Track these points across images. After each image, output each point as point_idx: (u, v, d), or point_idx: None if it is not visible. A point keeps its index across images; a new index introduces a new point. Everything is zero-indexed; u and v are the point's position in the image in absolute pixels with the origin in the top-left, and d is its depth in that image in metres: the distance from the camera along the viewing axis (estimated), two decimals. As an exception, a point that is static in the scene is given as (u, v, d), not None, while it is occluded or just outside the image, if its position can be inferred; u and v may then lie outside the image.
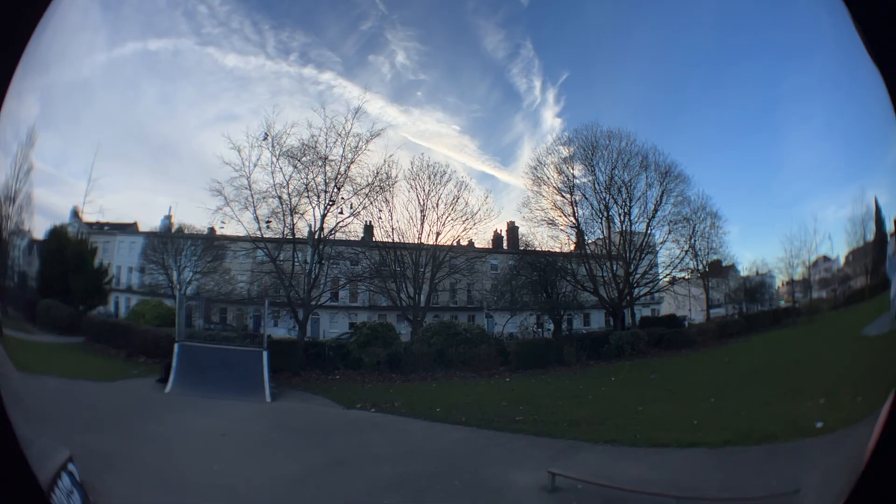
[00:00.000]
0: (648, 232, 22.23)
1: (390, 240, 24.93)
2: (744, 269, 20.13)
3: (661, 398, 14.74)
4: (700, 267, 21.56)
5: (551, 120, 24.40)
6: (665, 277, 22.41)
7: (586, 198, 23.26)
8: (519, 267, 24.51)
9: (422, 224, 24.53)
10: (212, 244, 27.55)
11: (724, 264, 20.85)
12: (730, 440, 10.62)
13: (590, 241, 23.48)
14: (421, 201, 24.58)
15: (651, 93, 20.90)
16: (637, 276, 22.46)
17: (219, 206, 24.59)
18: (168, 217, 28.18)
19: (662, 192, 21.77)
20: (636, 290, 22.50)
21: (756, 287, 18.73)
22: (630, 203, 22.35)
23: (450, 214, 24.50)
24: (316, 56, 23.82)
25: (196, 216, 28.35)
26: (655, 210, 21.89)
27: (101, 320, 26.56)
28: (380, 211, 24.76)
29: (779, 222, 16.61)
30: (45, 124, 22.49)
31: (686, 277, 21.86)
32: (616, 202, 22.59)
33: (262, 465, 13.31)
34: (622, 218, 22.81)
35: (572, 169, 23.42)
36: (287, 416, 18.79)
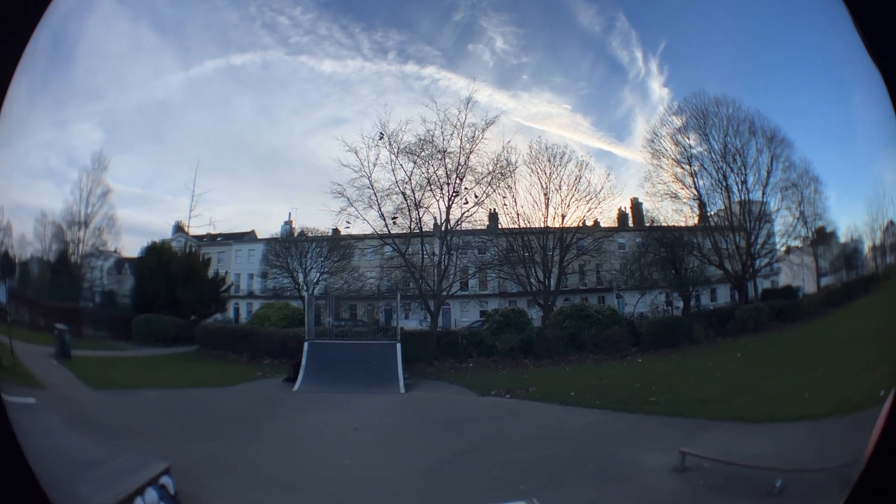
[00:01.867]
0: (764, 200, 25.08)
1: (516, 226, 29.06)
2: (842, 236, 21.98)
3: (778, 372, 17.62)
4: (809, 234, 23.97)
5: (659, 90, 28.06)
6: (781, 247, 25.11)
7: (704, 168, 26.23)
8: (646, 244, 28.30)
9: (546, 207, 28.31)
10: (338, 244, 33.33)
11: (826, 231, 23.10)
12: (831, 411, 12.85)
13: (712, 213, 26.72)
14: (543, 184, 28.28)
15: (743, 54, 23.26)
16: (757, 246, 25.58)
17: (342, 208, 29.30)
18: (288, 222, 34.71)
19: (771, 158, 24.30)
20: (757, 262, 25.59)
21: (851, 253, 20.60)
22: (745, 171, 25.06)
23: (573, 195, 28.24)
24: (415, 52, 28.83)
25: (317, 219, 34.54)
26: (768, 176, 24.48)
27: (219, 327, 32.66)
28: (503, 198, 28.73)
29: (860, 185, 18.67)
30: (117, 148, 29.68)
31: (799, 246, 24.40)
32: (732, 170, 25.38)
33: (397, 457, 15.60)
34: (739, 187, 25.52)
35: (688, 139, 26.48)
36: (421, 406, 21.79)
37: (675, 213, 27.45)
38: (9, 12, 4.33)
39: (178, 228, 36.18)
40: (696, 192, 26.47)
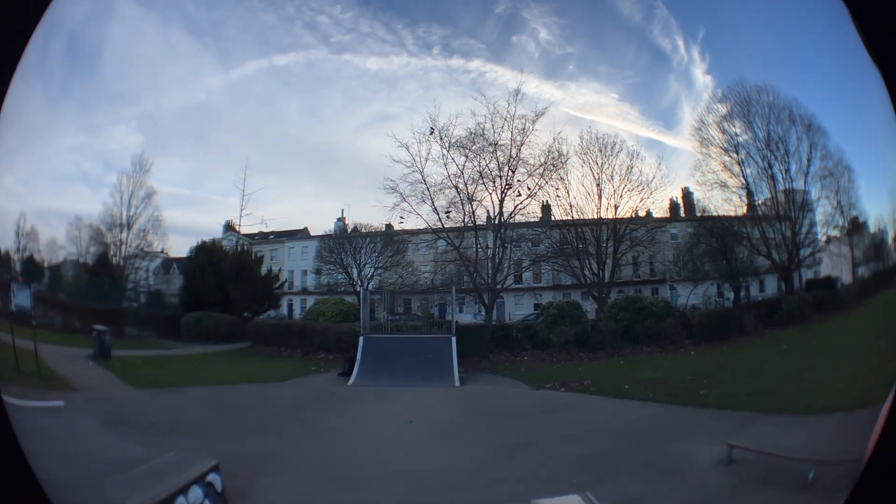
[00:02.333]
0: (805, 189, 26.50)
1: (569, 217, 31.00)
2: (871, 226, 22.80)
3: (817, 364, 18.72)
4: (845, 224, 24.95)
5: (702, 78, 30.08)
6: (822, 236, 26.38)
7: (751, 156, 27.82)
8: (698, 234, 29.97)
9: (599, 198, 30.17)
10: (391, 239, 35.66)
11: (859, 220, 23.89)
12: (858, 403, 12.74)
13: (759, 202, 28.30)
14: (595, 175, 30.18)
15: (775, 41, 24.38)
16: (801, 236, 27.02)
17: (396, 203, 31.27)
18: (341, 219, 37.82)
19: (810, 146, 25.64)
20: (801, 252, 27.09)
21: (879, 244, 21.40)
22: (788, 159, 26.56)
23: (625, 185, 30.05)
24: (459, 46, 30.62)
25: (370, 215, 37.43)
26: (808, 165, 25.82)
27: (272, 324, 34.96)
28: (556, 189, 30.72)
29: (884, 174, 19.46)
30: (160, 150, 30.79)
31: (836, 236, 25.46)
32: (776, 158, 26.95)
33: (451, 450, 16.60)
34: (784, 175, 27.08)
35: (733, 127, 28.08)
36: (476, 399, 23.04)
37: (725, 202, 28.71)
38: (6, 13, 4.56)
39: (229, 227, 39.52)
40: (743, 181, 27.72)
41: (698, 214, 29.88)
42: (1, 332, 23.27)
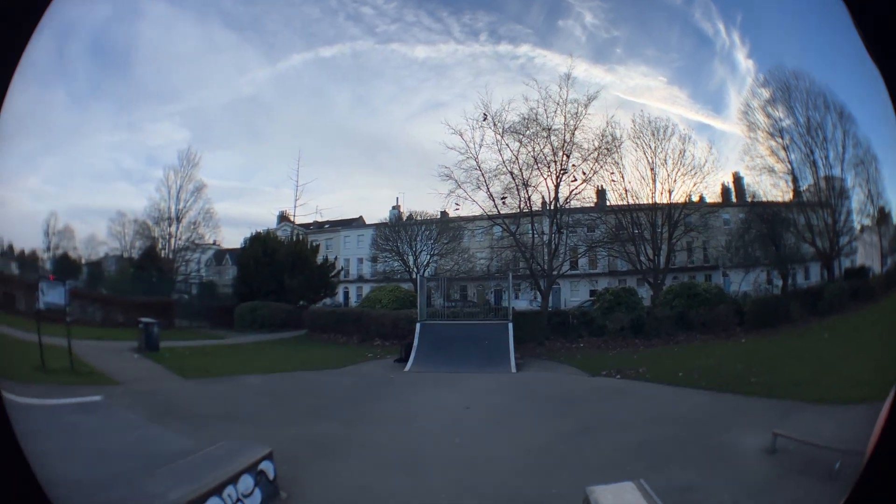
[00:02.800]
0: (841, 177, 28.15)
1: (624, 202, 33.48)
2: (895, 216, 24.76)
3: (852, 354, 19.72)
4: (874, 213, 26.73)
5: (744, 62, 32.28)
6: (857, 225, 28.03)
7: (794, 141, 29.63)
8: (749, 220, 32.18)
9: (653, 182, 32.66)
10: (447, 226, 38.77)
11: (885, 210, 25.78)
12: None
13: (804, 189, 30.33)
14: (649, 159, 32.61)
15: (806, 28, 25.64)
16: (840, 224, 28.65)
17: (451, 190, 34.12)
18: (396, 207, 40.88)
19: (844, 134, 27.16)
20: (841, 240, 28.76)
21: None
22: (826, 146, 28.16)
23: (679, 169, 32.34)
24: (506, 32, 33.29)
25: (425, 202, 43.56)
26: (843, 152, 27.24)
27: (328, 311, 38.28)
28: (611, 174, 33.17)
29: None
30: (208, 145, 33.56)
31: (868, 225, 27.20)
32: (816, 144, 28.59)
33: (508, 435, 17.74)
34: (823, 162, 28.76)
35: (777, 111, 30.05)
36: (532, 385, 24.65)
37: (773, 187, 31.02)
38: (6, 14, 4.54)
39: (283, 218, 44.32)
40: (789, 166, 29.70)
41: (749, 200, 32.07)
42: (16, 329, 25.40)
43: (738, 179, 32.64)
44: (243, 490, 12.31)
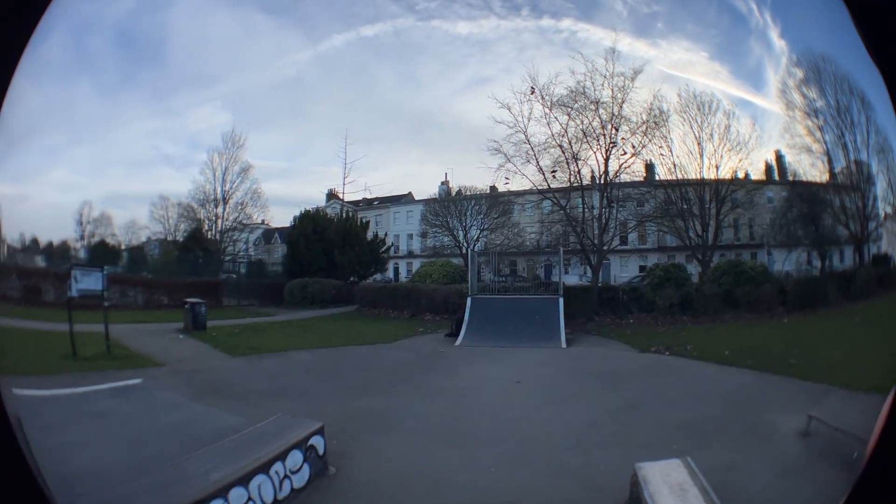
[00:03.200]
0: (867, 162, 30.41)
1: (673, 177, 36.17)
2: None
3: (874, 341, 19.97)
4: (893, 200, 29.17)
5: (778, 41, 34.01)
6: (882, 212, 30.22)
7: (827, 123, 31.51)
8: (791, 198, 35.01)
9: (700, 157, 35.27)
10: (496, 201, 41.92)
11: None
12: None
13: (838, 171, 32.66)
14: (696, 133, 35.14)
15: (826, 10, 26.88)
16: (868, 209, 30.84)
17: (500, 164, 37.11)
18: (445, 182, 44.92)
19: (866, 119, 29.14)
20: (869, 225, 31.04)
21: None
22: (853, 129, 29.98)
23: (724, 145, 34.87)
24: (547, 6, 37.77)
25: (474, 177, 46.84)
26: (867, 137, 29.28)
27: (378, 287, 42.09)
28: (659, 148, 35.88)
29: None
30: (252, 127, 41.34)
31: (890, 213, 29.47)
32: (846, 127, 30.47)
33: (558, 411, 18.92)
34: (852, 145, 30.69)
35: (811, 92, 32.03)
36: (582, 361, 26.76)
37: (811, 167, 33.46)
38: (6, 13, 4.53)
39: (332, 196, 49.03)
40: (824, 147, 31.69)
41: (790, 178, 34.66)
42: (39, 321, 27.18)
43: (779, 158, 34.99)
44: (291, 466, 12.88)
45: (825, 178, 32.90)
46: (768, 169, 35.70)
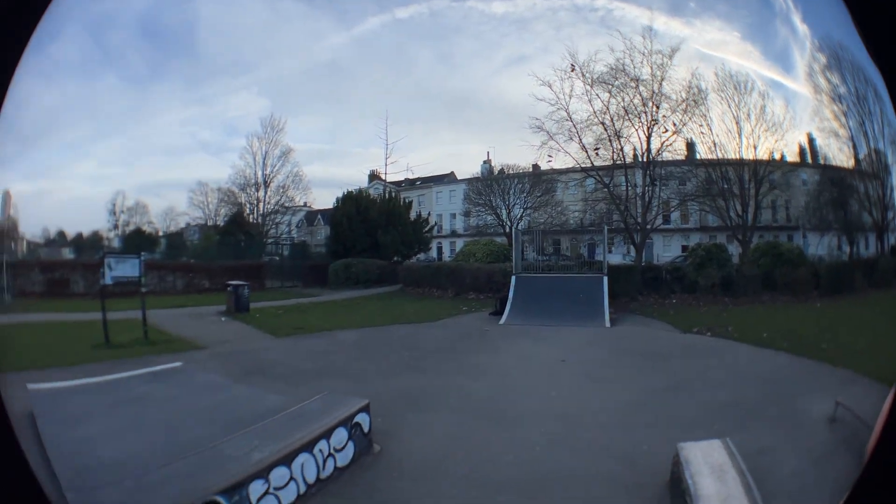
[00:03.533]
0: (884, 151, 32.72)
1: (713, 156, 38.52)
2: None
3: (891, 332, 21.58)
4: None
5: (801, 26, 36.26)
6: None
7: (850, 109, 33.46)
8: (822, 182, 37.74)
9: (739, 136, 37.63)
10: (539, 179, 45.37)
11: None
12: None
13: (861, 157, 34.73)
14: (734, 113, 37.54)
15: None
16: (887, 198, 33.34)
17: (543, 142, 40.22)
18: (487, 161, 48.83)
19: (881, 110, 31.14)
20: (889, 213, 33.64)
21: None
22: (872, 118, 32.24)
23: (761, 125, 37.32)
24: None
25: (516, 155, 51.89)
26: (884, 127, 31.27)
27: (422, 266, 45.19)
28: (699, 126, 38.31)
29: None
30: (291, 111, 48.63)
31: None
32: (865, 116, 32.68)
33: (602, 390, 19.75)
34: (872, 133, 32.80)
35: (834, 77, 34.06)
36: (626, 340, 28.24)
37: (839, 151, 35.51)
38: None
39: (374, 177, 55.85)
40: (849, 133, 33.67)
41: (821, 162, 37.10)
42: (62, 312, 30.11)
43: (811, 141, 37.38)
44: (336, 444, 13.29)
45: (851, 163, 35.06)
46: (801, 151, 37.88)
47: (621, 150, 39.13)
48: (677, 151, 39.20)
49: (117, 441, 13.23)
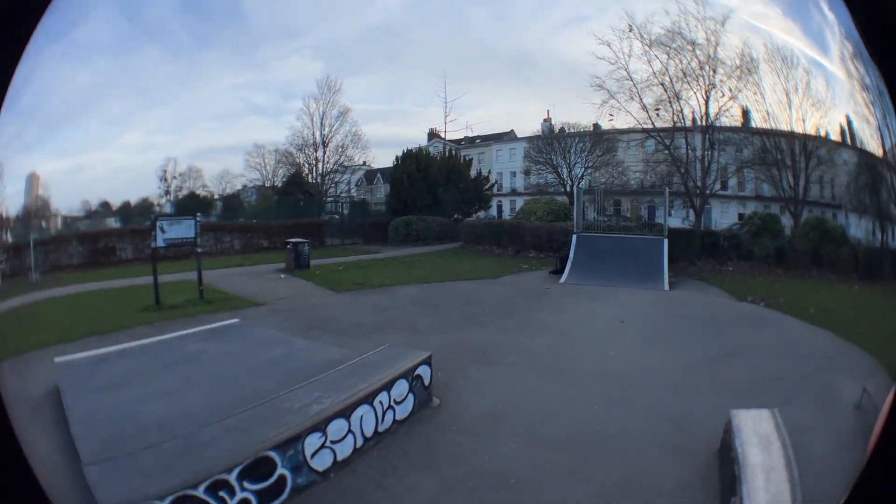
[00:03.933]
0: None
1: (767, 125, 41.12)
2: None
3: None
4: None
5: (828, 11, 36.92)
6: None
7: (876, 100, 33.23)
8: (859, 165, 38.45)
9: (789, 108, 39.99)
10: (600, 139, 48.25)
11: None
12: None
13: (888, 147, 34.33)
14: (783, 85, 39.72)
15: None
16: None
17: (603, 100, 43.15)
18: (547, 119, 51.79)
19: (893, 105, 33.57)
20: None
21: None
22: (885, 110, 33.14)
23: (808, 99, 39.35)
24: None
25: (577, 114, 53.11)
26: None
27: (483, 224, 48.19)
28: (754, 94, 40.79)
29: None
30: (347, 72, 53.59)
31: None
32: (886, 110, 33.22)
33: (659, 353, 20.95)
34: (892, 127, 33.53)
35: (860, 66, 34.36)
36: (683, 306, 29.80)
37: (871, 138, 35.67)
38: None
39: (433, 135, 56.70)
40: (877, 122, 32.60)
41: (858, 146, 38.26)
42: (106, 280, 32.16)
43: (849, 123, 38.13)
44: (396, 396, 14.25)
45: (880, 152, 34.19)
46: (842, 131, 39.00)
47: (681, 112, 41.72)
48: (734, 118, 41.43)
49: (163, 403, 14.42)
